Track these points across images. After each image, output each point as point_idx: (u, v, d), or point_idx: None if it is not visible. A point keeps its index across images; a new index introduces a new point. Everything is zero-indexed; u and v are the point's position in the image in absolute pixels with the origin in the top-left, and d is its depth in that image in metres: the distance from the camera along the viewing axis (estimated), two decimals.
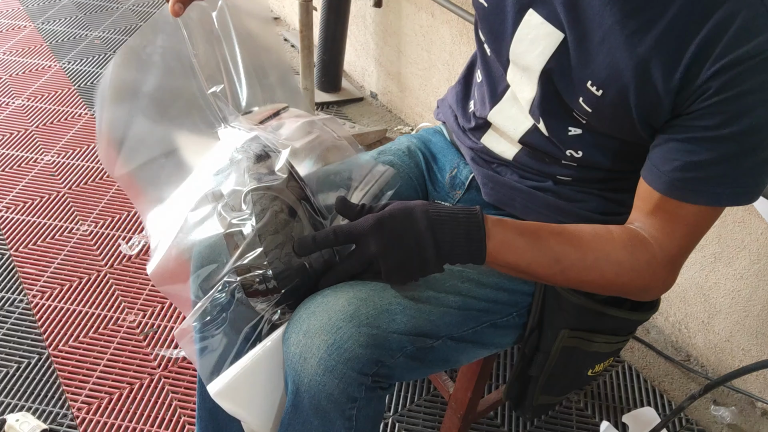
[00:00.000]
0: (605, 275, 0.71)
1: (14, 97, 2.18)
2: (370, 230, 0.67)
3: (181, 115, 0.76)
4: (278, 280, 0.69)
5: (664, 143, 0.68)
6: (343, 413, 0.71)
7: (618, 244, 0.70)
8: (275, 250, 0.69)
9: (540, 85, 0.76)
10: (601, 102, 0.70)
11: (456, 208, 0.69)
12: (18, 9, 2.75)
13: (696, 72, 0.62)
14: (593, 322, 0.83)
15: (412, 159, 1.00)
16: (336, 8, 2.04)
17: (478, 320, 0.81)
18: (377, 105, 2.30)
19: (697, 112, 0.64)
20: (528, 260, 0.70)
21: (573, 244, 0.71)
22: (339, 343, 0.69)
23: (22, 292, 1.50)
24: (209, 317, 0.76)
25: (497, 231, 0.69)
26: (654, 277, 0.71)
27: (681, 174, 0.66)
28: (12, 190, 1.79)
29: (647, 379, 1.41)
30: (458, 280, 0.80)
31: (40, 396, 1.28)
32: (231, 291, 0.71)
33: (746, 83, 0.60)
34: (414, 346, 0.74)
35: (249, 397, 0.74)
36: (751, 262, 1.26)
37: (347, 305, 0.71)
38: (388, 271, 0.68)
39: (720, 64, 0.60)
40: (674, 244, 0.70)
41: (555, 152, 0.81)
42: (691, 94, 0.63)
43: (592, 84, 0.70)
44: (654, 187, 0.69)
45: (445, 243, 0.67)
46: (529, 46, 0.75)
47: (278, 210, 0.69)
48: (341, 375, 0.69)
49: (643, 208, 0.71)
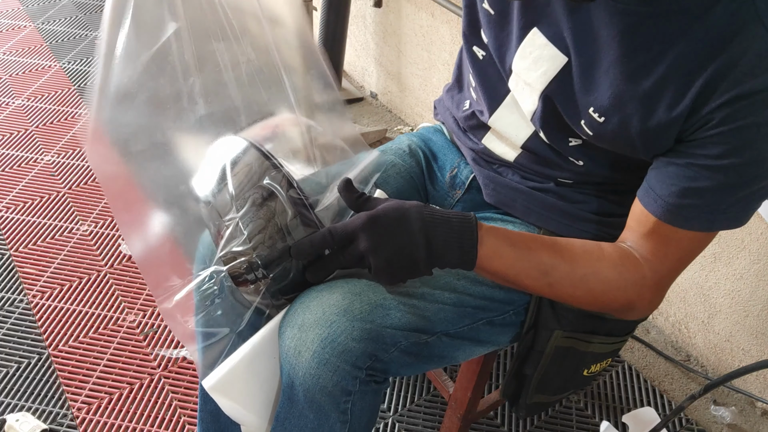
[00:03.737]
0: (592, 292, 0.72)
1: (14, 97, 2.18)
2: (361, 227, 0.67)
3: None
4: (265, 265, 0.69)
5: (663, 167, 0.68)
6: (338, 406, 0.71)
7: (608, 263, 0.71)
8: (258, 236, 0.68)
9: (541, 103, 0.76)
10: (603, 128, 0.70)
11: (450, 212, 0.70)
12: (18, 9, 2.75)
13: (702, 103, 0.62)
14: (588, 323, 0.84)
15: (413, 158, 1.00)
16: (336, 8, 2.04)
17: (473, 317, 0.81)
18: (377, 105, 2.30)
19: (700, 140, 0.64)
20: (516, 271, 0.70)
21: (564, 258, 0.71)
22: (333, 337, 0.69)
23: (22, 292, 1.50)
24: (204, 311, 0.75)
25: (489, 239, 0.69)
26: (640, 297, 0.72)
27: (678, 200, 0.66)
28: (12, 190, 1.79)
29: (647, 379, 1.41)
30: (453, 277, 0.80)
31: (40, 396, 1.28)
32: (220, 281, 0.71)
33: (750, 117, 0.61)
34: (408, 341, 0.74)
35: (244, 392, 0.74)
36: (751, 262, 1.26)
37: (341, 299, 0.71)
38: (377, 268, 0.68)
39: (726, 97, 0.61)
40: (665, 266, 0.71)
41: (556, 159, 0.81)
42: (695, 122, 0.64)
43: (594, 111, 0.70)
44: (650, 211, 0.69)
45: (437, 245, 0.67)
46: (532, 64, 0.74)
47: (257, 196, 0.69)
48: (335, 368, 0.69)
49: (638, 229, 0.72)
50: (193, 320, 0.78)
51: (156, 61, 0.72)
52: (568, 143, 0.78)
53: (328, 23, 2.08)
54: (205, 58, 0.73)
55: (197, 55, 0.73)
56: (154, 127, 0.74)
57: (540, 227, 0.88)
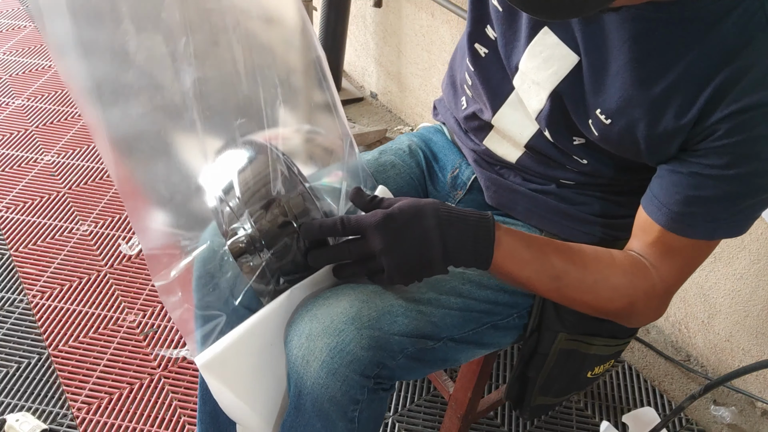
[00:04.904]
0: (599, 298, 0.72)
1: (14, 97, 2.18)
2: (377, 224, 0.66)
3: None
4: (265, 239, 0.68)
5: (667, 175, 0.68)
6: (345, 415, 0.71)
7: (618, 270, 0.71)
8: (260, 211, 0.68)
9: (549, 102, 0.76)
10: (609, 130, 0.70)
11: (467, 210, 0.69)
12: (18, 9, 2.75)
13: (709, 113, 0.62)
14: (591, 326, 0.84)
15: (413, 158, 0.99)
16: (336, 8, 2.04)
17: (478, 321, 0.81)
18: (377, 105, 2.30)
19: (705, 150, 0.64)
20: (529, 273, 0.70)
21: (575, 264, 0.71)
22: (341, 346, 0.68)
23: (22, 292, 1.50)
24: (205, 288, 0.75)
25: (506, 240, 0.69)
26: (647, 306, 0.73)
27: (681, 208, 0.67)
28: (12, 190, 1.79)
29: (647, 379, 1.41)
30: (459, 281, 0.80)
31: (40, 396, 1.28)
32: (221, 257, 0.71)
33: (756, 128, 0.61)
34: (415, 348, 0.74)
35: (237, 376, 0.72)
36: (751, 262, 1.26)
37: (349, 307, 0.71)
38: (391, 268, 0.67)
39: (732, 108, 0.61)
40: (672, 274, 0.71)
41: (560, 158, 0.81)
42: (700, 132, 0.64)
43: (602, 112, 0.70)
44: (654, 219, 0.69)
45: (452, 244, 0.67)
46: (543, 63, 0.74)
47: (257, 172, 0.69)
48: (344, 377, 0.68)
49: (643, 238, 0.72)
50: (192, 299, 0.78)
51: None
52: (572, 142, 0.78)
53: (328, 23, 2.08)
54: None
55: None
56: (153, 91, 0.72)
57: (541, 230, 0.88)
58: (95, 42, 0.67)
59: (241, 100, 0.72)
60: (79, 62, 0.66)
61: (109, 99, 0.69)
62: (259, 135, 0.74)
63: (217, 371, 0.70)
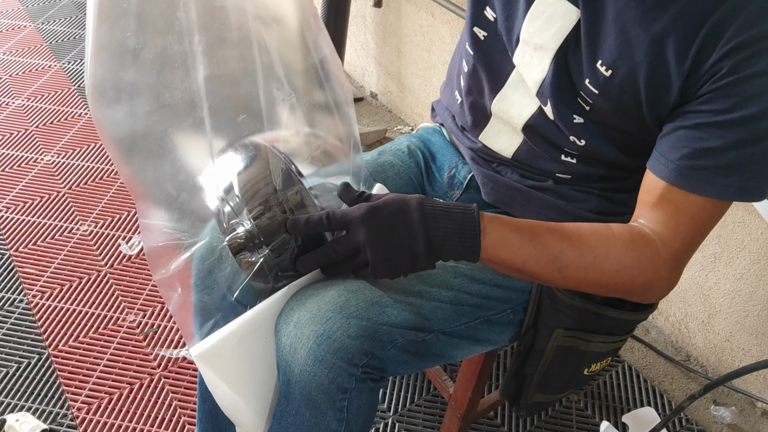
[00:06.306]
0: (605, 274, 0.69)
1: (14, 97, 2.18)
2: (361, 217, 0.66)
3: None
4: (263, 235, 0.69)
5: (672, 132, 0.67)
6: (334, 404, 0.71)
7: (618, 241, 0.69)
8: (259, 207, 0.69)
9: (553, 65, 0.75)
10: (610, 83, 0.69)
11: (452, 204, 0.69)
12: (18, 9, 2.75)
13: (708, 52, 0.62)
14: (589, 322, 0.83)
15: (412, 158, 1.00)
16: (336, 8, 2.04)
17: (471, 316, 0.81)
18: (377, 105, 2.30)
19: (707, 95, 0.63)
20: (524, 258, 0.69)
21: (571, 241, 0.69)
22: (328, 333, 0.69)
23: (22, 292, 1.50)
24: (204, 284, 0.75)
25: (493, 228, 0.68)
26: (656, 275, 0.70)
27: (689, 162, 0.65)
28: (12, 190, 1.79)
29: (647, 379, 1.41)
30: (451, 275, 0.80)
31: (40, 396, 1.28)
32: (219, 253, 0.71)
33: (757, 65, 0.60)
34: (405, 339, 0.74)
35: (232, 368, 0.72)
36: (750, 262, 1.26)
37: (337, 297, 0.71)
38: (375, 261, 0.67)
39: (732, 44, 0.60)
40: (678, 239, 0.68)
41: (558, 138, 0.80)
42: (701, 76, 0.63)
43: (602, 64, 0.69)
44: (660, 176, 0.68)
45: (437, 237, 0.67)
46: (545, 24, 0.73)
47: (257, 171, 0.70)
48: (330, 365, 0.69)
49: (648, 200, 0.70)
50: (191, 295, 0.78)
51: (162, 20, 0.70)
52: (572, 119, 0.77)
53: (328, 23, 2.08)
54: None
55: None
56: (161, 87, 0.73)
57: None
58: (103, 39, 0.67)
59: (246, 98, 0.72)
60: (89, 60, 0.67)
61: (113, 97, 0.69)
62: (261, 136, 0.75)
63: (212, 362, 0.71)
